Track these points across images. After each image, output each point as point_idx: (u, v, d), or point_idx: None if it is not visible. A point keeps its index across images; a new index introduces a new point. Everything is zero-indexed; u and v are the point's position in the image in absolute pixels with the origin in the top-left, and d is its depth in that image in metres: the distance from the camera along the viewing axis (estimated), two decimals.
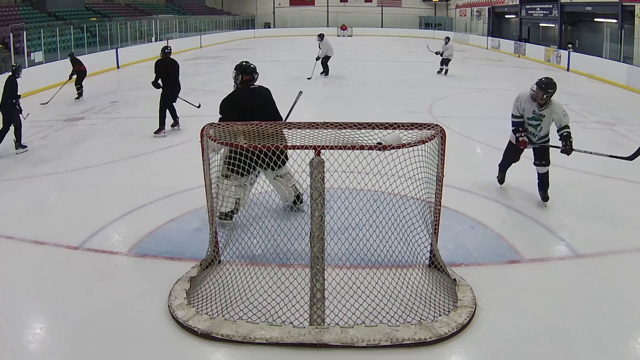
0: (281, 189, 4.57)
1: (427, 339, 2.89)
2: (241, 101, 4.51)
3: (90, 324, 3.13)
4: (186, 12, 33.52)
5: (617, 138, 7.95)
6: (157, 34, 23.32)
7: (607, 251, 4.08)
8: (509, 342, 2.96)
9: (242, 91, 4.60)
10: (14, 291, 3.54)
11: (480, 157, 7.00)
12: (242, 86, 4.62)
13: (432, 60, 15.75)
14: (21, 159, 6.83)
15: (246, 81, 4.61)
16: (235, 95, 4.60)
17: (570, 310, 3.27)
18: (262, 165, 3.88)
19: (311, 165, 3.06)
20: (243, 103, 4.49)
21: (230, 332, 2.94)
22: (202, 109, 9.39)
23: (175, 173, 6.01)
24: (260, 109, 4.47)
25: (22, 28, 14.69)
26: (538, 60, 19.40)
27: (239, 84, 4.64)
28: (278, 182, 4.55)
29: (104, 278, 3.69)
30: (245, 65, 4.69)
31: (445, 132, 3.42)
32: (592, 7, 18.19)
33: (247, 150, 3.65)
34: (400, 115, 6.88)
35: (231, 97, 4.58)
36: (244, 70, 4.63)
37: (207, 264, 3.65)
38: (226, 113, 4.46)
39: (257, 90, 4.64)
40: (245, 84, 4.62)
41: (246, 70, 4.64)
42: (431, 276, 3.55)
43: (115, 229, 4.52)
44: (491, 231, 4.38)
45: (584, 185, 5.69)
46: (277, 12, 38.61)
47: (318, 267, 3.00)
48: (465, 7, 32.70)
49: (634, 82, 12.84)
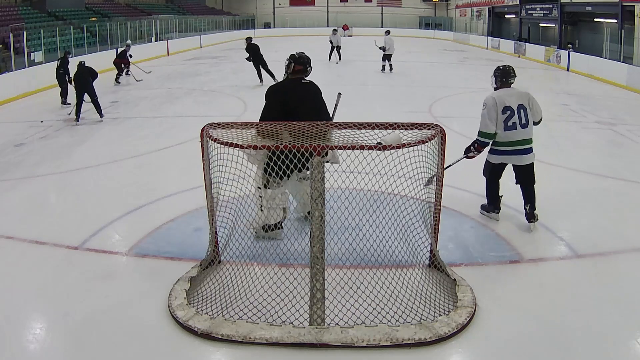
0: (303, 191, 4.25)
1: (427, 339, 2.89)
2: (287, 95, 4.17)
3: (90, 324, 3.13)
4: (186, 12, 33.52)
5: (617, 138, 7.94)
6: (157, 34, 23.32)
7: (607, 251, 4.07)
8: (509, 342, 2.96)
9: (289, 84, 4.26)
10: (14, 291, 3.54)
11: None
12: (292, 78, 4.26)
13: (433, 60, 15.75)
14: (21, 159, 6.83)
15: (298, 71, 4.24)
16: (281, 86, 4.29)
17: (570, 310, 3.27)
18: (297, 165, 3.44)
19: (311, 165, 3.06)
20: (289, 97, 4.15)
21: (230, 332, 2.94)
22: (201, 109, 9.39)
23: (175, 173, 6.01)
24: (306, 107, 4.10)
25: (22, 28, 14.70)
26: (538, 60, 19.39)
27: (290, 74, 4.28)
28: (302, 185, 4.24)
29: (104, 278, 3.69)
30: (300, 55, 4.31)
31: (445, 132, 3.42)
32: (592, 7, 18.18)
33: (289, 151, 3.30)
34: (400, 115, 6.87)
35: (277, 88, 4.27)
36: (298, 59, 4.25)
37: (207, 264, 3.64)
38: (269, 105, 4.15)
39: (307, 86, 4.27)
40: (296, 75, 4.25)
41: (300, 60, 4.25)
42: (431, 276, 3.55)
43: (115, 229, 4.52)
44: (491, 231, 4.38)
45: (584, 185, 5.69)
46: (277, 12, 38.59)
47: (318, 267, 3.00)
48: (465, 7, 32.69)
49: (634, 82, 12.84)
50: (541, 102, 4.50)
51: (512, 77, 4.34)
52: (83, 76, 8.93)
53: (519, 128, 4.24)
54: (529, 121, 4.28)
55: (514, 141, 4.26)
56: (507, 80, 4.35)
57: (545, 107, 11.44)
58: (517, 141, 4.26)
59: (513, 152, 4.29)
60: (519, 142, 4.27)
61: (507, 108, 4.22)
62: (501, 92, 4.32)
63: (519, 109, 4.24)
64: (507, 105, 4.23)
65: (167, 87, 13.17)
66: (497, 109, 4.23)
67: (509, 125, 4.23)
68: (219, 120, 3.58)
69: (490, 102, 4.26)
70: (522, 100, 4.28)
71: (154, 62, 19.14)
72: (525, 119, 4.25)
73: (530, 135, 4.31)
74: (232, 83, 13.44)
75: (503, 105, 4.23)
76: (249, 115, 8.74)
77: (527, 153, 4.30)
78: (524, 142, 4.28)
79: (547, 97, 11.56)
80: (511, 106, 4.23)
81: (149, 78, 14.72)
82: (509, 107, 4.23)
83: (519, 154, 4.29)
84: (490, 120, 4.24)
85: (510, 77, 4.34)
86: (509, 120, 4.22)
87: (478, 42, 27.00)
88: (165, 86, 13.30)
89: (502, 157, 4.36)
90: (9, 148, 7.38)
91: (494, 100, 4.26)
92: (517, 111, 4.23)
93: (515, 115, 4.22)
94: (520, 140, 4.26)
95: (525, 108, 4.26)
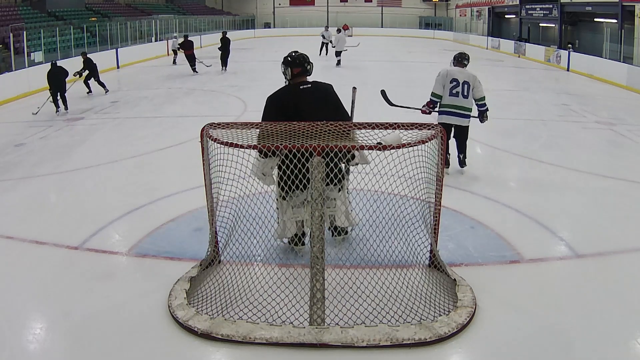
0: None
1: (427, 339, 2.89)
2: (284, 104, 3.71)
3: (90, 324, 3.12)
4: (186, 12, 33.52)
5: (617, 138, 7.94)
6: (157, 34, 23.31)
7: (607, 251, 4.07)
8: (509, 342, 2.96)
9: (285, 91, 3.79)
10: (14, 291, 3.54)
11: (480, 157, 7.00)
12: (293, 83, 3.79)
13: (433, 60, 15.75)
14: (21, 159, 6.83)
15: (297, 74, 3.76)
16: (276, 97, 3.77)
17: (570, 310, 3.27)
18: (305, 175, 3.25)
19: (311, 165, 3.06)
20: (286, 107, 3.69)
21: (230, 332, 2.93)
22: (201, 109, 9.39)
23: (175, 173, 6.01)
24: (312, 112, 3.58)
25: (22, 28, 14.71)
26: (538, 60, 19.40)
27: (289, 80, 3.81)
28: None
29: (104, 278, 3.69)
30: (294, 56, 3.79)
31: (445, 132, 3.42)
32: (592, 7, 18.19)
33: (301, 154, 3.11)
34: (400, 115, 6.87)
35: (272, 99, 3.77)
36: (293, 62, 3.74)
37: (207, 264, 3.64)
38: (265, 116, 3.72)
39: (309, 90, 3.74)
40: (296, 79, 3.78)
41: (295, 61, 3.74)
42: (431, 276, 3.55)
43: (115, 229, 4.52)
44: (491, 231, 4.37)
45: (584, 185, 5.69)
46: (277, 12, 38.59)
47: (318, 267, 3.00)
48: (465, 7, 32.69)
49: (634, 82, 12.84)
50: (541, 102, 4.55)
51: (466, 60, 5.61)
52: (56, 75, 9.64)
53: (460, 97, 5.49)
54: (470, 95, 5.51)
55: (455, 106, 5.52)
56: (461, 61, 5.61)
57: (545, 107, 11.46)
58: (457, 106, 5.52)
59: (454, 114, 5.55)
60: (459, 107, 5.52)
61: (454, 79, 5.50)
62: (453, 68, 5.60)
63: (463, 84, 5.48)
64: (455, 78, 5.50)
65: (167, 87, 13.18)
66: (446, 79, 5.51)
67: (453, 93, 5.50)
68: (219, 120, 3.58)
69: (443, 72, 5.57)
70: (468, 78, 5.50)
71: (154, 62, 19.16)
72: (466, 92, 5.49)
73: (470, 105, 5.55)
74: (232, 83, 13.44)
75: (452, 77, 5.51)
76: (249, 115, 8.75)
77: (464, 117, 5.57)
78: (463, 109, 5.53)
79: (547, 97, 11.57)
80: (458, 79, 5.49)
81: (149, 78, 14.75)
82: (455, 79, 5.49)
83: (458, 117, 5.56)
84: (438, 84, 5.56)
85: (463, 60, 5.61)
86: (454, 89, 5.49)
87: (478, 42, 27.01)
88: (165, 86, 13.30)
89: (447, 117, 5.57)
90: (9, 148, 7.38)
91: (445, 72, 5.57)
92: (462, 84, 5.48)
93: (460, 87, 5.47)
94: (460, 106, 5.51)
95: (469, 84, 5.48)
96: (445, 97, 5.51)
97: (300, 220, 3.83)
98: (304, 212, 3.74)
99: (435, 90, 5.56)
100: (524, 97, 11.45)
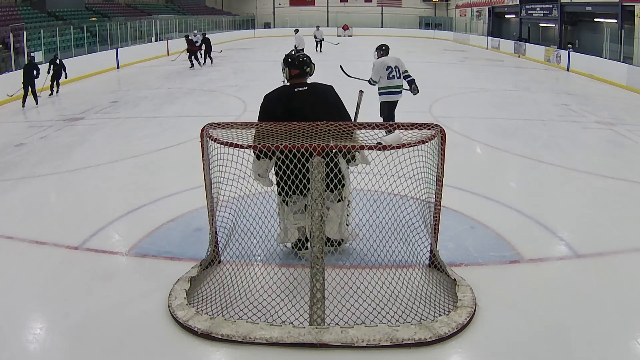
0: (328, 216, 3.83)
1: (427, 339, 2.89)
2: (273, 109, 3.63)
3: (90, 324, 3.12)
4: (186, 12, 33.52)
5: (617, 138, 7.94)
6: (157, 34, 23.32)
7: (607, 251, 4.07)
8: (509, 342, 2.96)
9: (278, 93, 3.72)
10: (14, 291, 3.54)
11: (480, 157, 7.00)
12: (289, 84, 3.72)
13: (433, 60, 15.75)
14: (21, 159, 6.83)
15: (295, 76, 3.70)
16: (267, 100, 3.69)
17: (570, 310, 3.27)
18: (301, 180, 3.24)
19: (311, 165, 3.06)
20: (275, 110, 3.61)
21: (230, 332, 2.93)
22: (201, 109, 9.39)
23: (175, 173, 6.01)
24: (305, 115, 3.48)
25: (22, 28, 14.72)
26: (538, 60, 19.40)
27: (288, 80, 3.76)
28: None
29: (104, 278, 3.69)
30: (294, 57, 3.75)
31: (445, 132, 3.42)
32: (592, 7, 18.19)
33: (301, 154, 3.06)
34: (400, 115, 6.89)
35: (264, 102, 3.69)
36: (292, 63, 3.70)
37: (207, 264, 3.64)
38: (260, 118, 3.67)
39: (304, 92, 3.64)
40: (294, 80, 3.71)
41: (294, 63, 3.69)
42: (431, 276, 3.55)
43: (115, 229, 4.52)
44: (491, 231, 4.37)
45: (584, 185, 5.69)
46: (277, 12, 38.60)
47: (318, 267, 3.00)
48: (465, 7, 32.69)
49: (634, 82, 12.84)
50: (541, 102, 4.55)
51: (388, 50, 6.95)
52: (31, 71, 10.53)
53: (395, 78, 6.77)
54: (401, 75, 6.80)
55: (394, 86, 6.79)
56: (386, 51, 6.93)
57: (545, 107, 11.45)
58: (395, 86, 6.79)
59: (393, 92, 6.83)
60: (396, 86, 6.79)
61: (389, 67, 6.76)
62: (384, 58, 6.85)
63: (395, 68, 6.78)
64: (389, 65, 6.76)
65: (167, 87, 13.18)
66: (383, 67, 6.75)
67: (390, 76, 6.75)
68: (219, 120, 3.58)
69: (378, 63, 6.81)
70: (396, 62, 6.81)
71: (154, 62, 19.16)
72: (398, 73, 6.77)
73: (402, 83, 6.82)
74: (232, 83, 13.45)
75: (387, 65, 6.76)
76: (249, 115, 8.74)
77: (399, 93, 6.87)
78: (398, 87, 6.82)
79: (547, 97, 11.58)
80: (390, 65, 6.76)
81: (149, 78, 14.75)
82: (390, 66, 6.76)
83: (396, 94, 6.86)
84: (376, 73, 6.80)
85: (387, 50, 6.94)
86: (390, 73, 6.75)
87: (478, 42, 27.01)
88: (165, 86, 13.31)
89: (389, 96, 6.83)
90: (9, 148, 7.38)
91: (380, 62, 6.81)
92: (394, 69, 6.77)
93: (394, 71, 6.76)
94: (396, 85, 6.79)
95: (398, 67, 6.79)
96: (384, 81, 6.73)
97: (301, 227, 3.79)
98: (305, 218, 3.66)
99: (374, 77, 6.84)
100: (524, 97, 11.46)
